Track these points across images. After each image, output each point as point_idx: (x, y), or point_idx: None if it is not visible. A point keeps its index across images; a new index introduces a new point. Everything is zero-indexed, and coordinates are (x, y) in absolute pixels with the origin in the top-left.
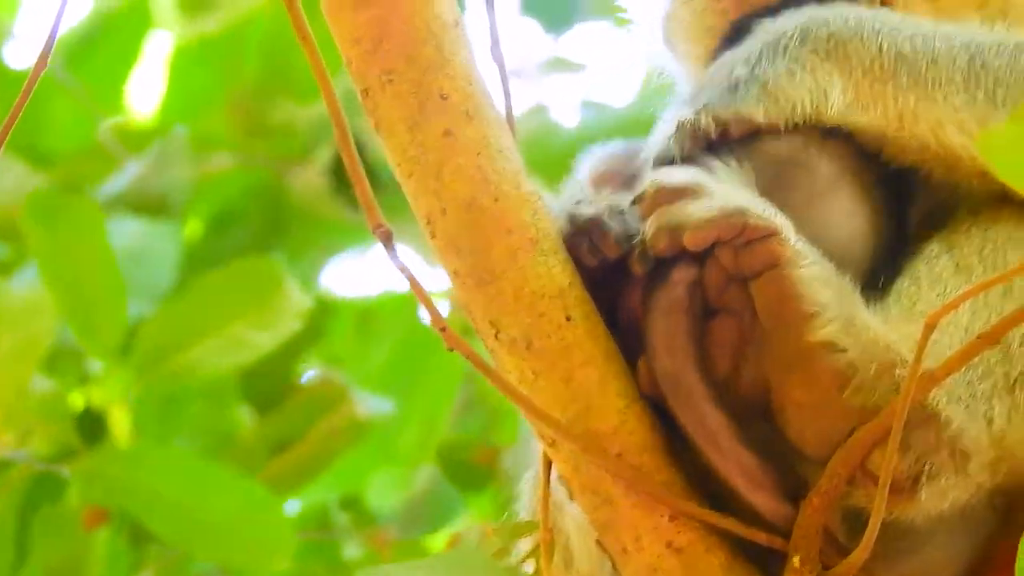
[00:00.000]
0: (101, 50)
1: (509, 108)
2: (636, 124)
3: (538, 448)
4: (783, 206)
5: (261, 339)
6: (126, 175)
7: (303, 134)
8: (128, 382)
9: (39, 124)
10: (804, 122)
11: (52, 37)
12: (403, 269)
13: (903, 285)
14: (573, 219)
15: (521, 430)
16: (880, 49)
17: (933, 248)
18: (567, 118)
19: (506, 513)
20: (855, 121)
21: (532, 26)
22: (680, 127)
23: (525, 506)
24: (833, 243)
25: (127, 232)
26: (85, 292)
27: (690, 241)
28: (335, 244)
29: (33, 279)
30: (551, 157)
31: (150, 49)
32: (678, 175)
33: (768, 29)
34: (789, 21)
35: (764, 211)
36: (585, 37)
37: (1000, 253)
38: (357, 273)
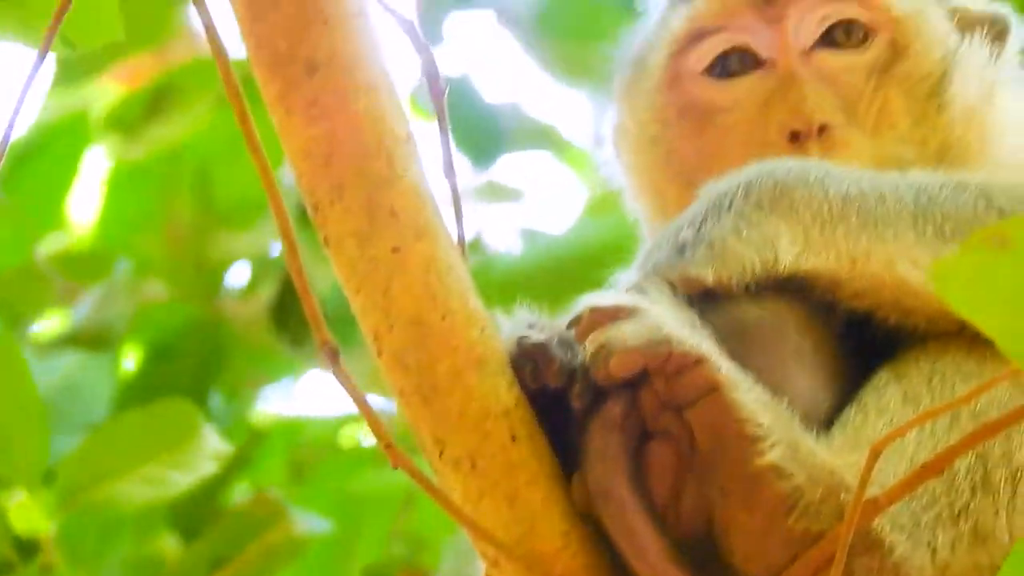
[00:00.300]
0: (38, 166)
1: (460, 226)
2: (573, 252)
3: (481, 569)
4: (748, 365)
5: (178, 478)
6: (68, 315)
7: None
8: (50, 511)
9: None
10: (772, 282)
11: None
12: (348, 384)
13: (850, 414)
14: (521, 343)
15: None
16: (826, 193)
17: (881, 377)
18: (505, 247)
19: None
20: (808, 268)
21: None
22: (629, 290)
23: None
24: (794, 402)
25: (63, 366)
26: (6, 426)
27: (616, 368)
28: (272, 373)
29: None
30: (490, 287)
31: (88, 165)
32: (610, 297)
33: (713, 188)
34: (734, 178)
35: (690, 338)
36: (522, 166)
37: (948, 384)
38: (293, 400)
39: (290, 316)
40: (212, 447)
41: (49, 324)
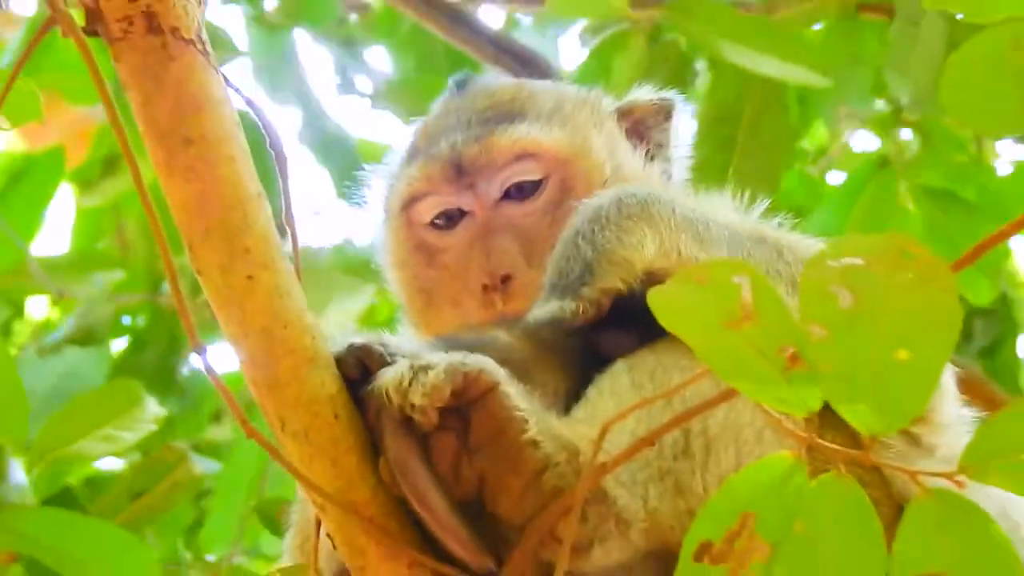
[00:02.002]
0: (22, 192)
1: (296, 260)
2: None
3: (311, 511)
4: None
5: (127, 436)
6: (66, 324)
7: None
8: (30, 463)
9: None
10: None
11: None
12: (215, 378)
13: (590, 393)
14: (350, 344)
15: None
16: (673, 211)
17: (617, 367)
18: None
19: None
20: (659, 266)
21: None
22: (560, 312)
23: (291, 553)
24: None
25: (67, 359)
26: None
27: (435, 403)
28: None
29: None
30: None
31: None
32: (400, 367)
33: (590, 205)
34: (604, 197)
35: (469, 358)
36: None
37: (667, 375)
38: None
39: None
40: (152, 412)
41: (46, 328)
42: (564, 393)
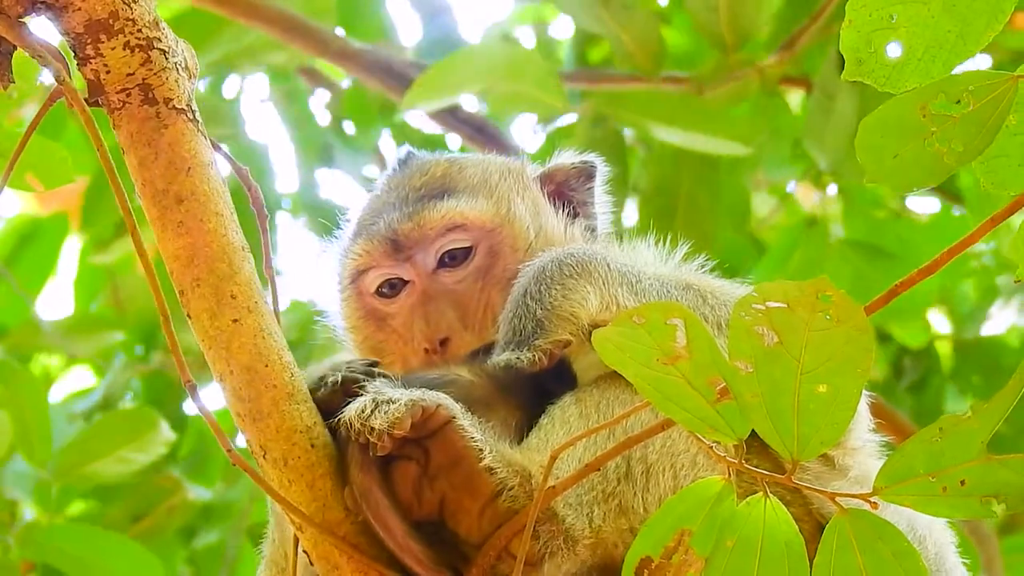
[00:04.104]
0: (29, 252)
1: (275, 304)
2: None
3: (289, 529)
4: (472, 408)
5: (141, 457)
6: (95, 393)
7: None
8: (52, 481)
9: None
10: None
11: None
12: (203, 411)
13: (543, 422)
14: (322, 378)
15: None
16: (608, 267)
17: (567, 399)
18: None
19: None
20: (602, 318)
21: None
22: (517, 361)
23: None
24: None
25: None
26: (28, 432)
27: (398, 434)
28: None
29: None
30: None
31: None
32: (363, 400)
33: (533, 267)
34: (545, 259)
35: (429, 395)
36: None
37: (610, 407)
38: None
39: None
40: (164, 437)
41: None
42: (519, 424)
